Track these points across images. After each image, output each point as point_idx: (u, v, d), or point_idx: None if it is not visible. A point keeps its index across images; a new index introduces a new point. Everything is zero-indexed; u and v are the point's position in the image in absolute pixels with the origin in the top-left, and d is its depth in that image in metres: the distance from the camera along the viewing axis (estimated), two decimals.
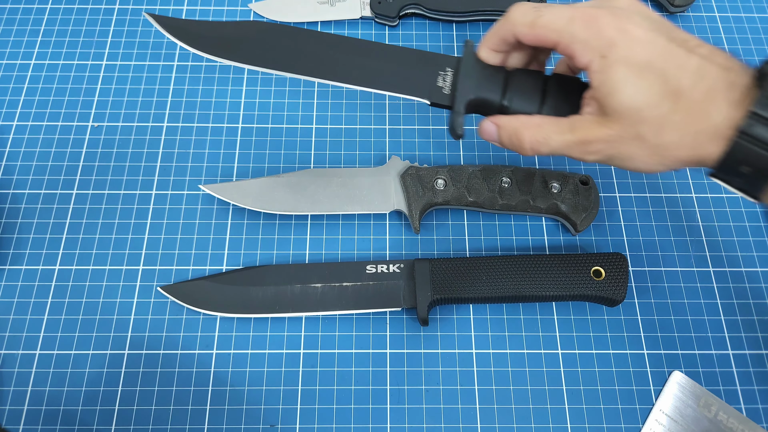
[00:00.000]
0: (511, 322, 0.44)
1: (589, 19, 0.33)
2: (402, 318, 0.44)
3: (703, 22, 0.56)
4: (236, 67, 0.53)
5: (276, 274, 0.43)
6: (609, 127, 0.34)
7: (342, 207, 0.45)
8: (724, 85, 0.31)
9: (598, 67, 0.33)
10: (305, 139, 0.50)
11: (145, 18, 0.55)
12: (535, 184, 0.46)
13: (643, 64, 0.32)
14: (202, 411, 0.41)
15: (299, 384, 0.42)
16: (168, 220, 0.47)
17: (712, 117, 0.31)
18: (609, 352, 0.43)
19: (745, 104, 0.30)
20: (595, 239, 0.47)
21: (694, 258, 0.46)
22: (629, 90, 0.32)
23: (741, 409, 0.41)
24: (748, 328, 0.44)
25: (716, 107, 0.31)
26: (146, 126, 0.50)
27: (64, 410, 0.41)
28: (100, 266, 0.45)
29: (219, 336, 0.43)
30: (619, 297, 0.42)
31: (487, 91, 0.39)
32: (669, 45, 0.32)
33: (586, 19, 0.33)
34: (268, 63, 0.40)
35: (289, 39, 0.41)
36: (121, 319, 0.43)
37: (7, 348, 0.42)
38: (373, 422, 0.41)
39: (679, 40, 0.33)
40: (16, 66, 0.52)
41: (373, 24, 0.56)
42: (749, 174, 0.31)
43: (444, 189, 0.45)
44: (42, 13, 0.55)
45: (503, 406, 0.41)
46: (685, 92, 0.31)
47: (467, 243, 0.46)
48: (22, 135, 0.49)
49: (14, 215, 0.47)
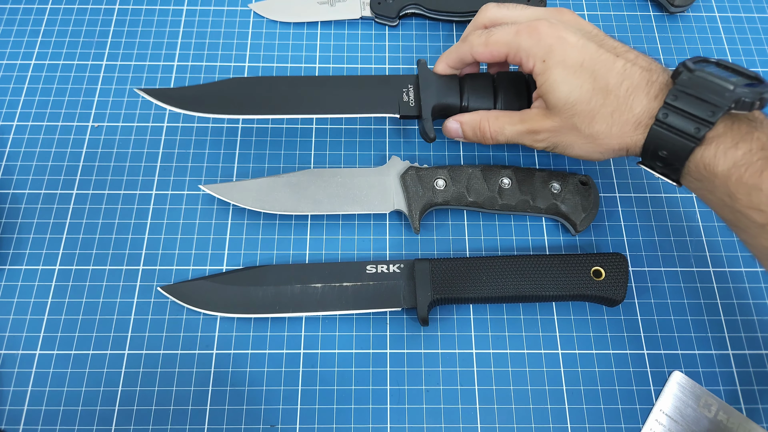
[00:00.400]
0: (511, 322, 0.44)
1: (531, 30, 0.39)
2: (402, 318, 0.44)
3: (703, 22, 0.56)
4: (235, 67, 0.53)
5: (276, 274, 0.43)
6: (551, 119, 0.40)
7: (342, 207, 0.45)
8: (644, 82, 0.37)
9: (540, 70, 0.39)
10: (305, 139, 0.50)
11: (144, 18, 0.55)
12: (535, 184, 0.46)
13: (577, 66, 0.38)
14: (202, 411, 0.41)
15: (299, 384, 0.42)
16: (168, 220, 0.47)
17: (634, 109, 0.37)
18: (609, 352, 0.43)
19: (660, 98, 0.36)
20: (595, 239, 0.47)
21: (694, 258, 0.46)
22: (565, 88, 0.38)
23: (741, 409, 0.41)
24: (748, 328, 0.44)
25: (638, 101, 0.37)
26: (146, 126, 0.50)
27: (64, 410, 0.41)
28: (100, 266, 0.45)
29: (219, 336, 0.43)
30: (619, 297, 0.42)
31: (446, 96, 0.46)
32: (599, 50, 0.38)
33: (528, 30, 0.40)
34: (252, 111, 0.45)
35: (265, 87, 0.47)
36: (121, 319, 0.43)
37: (7, 348, 0.42)
38: (373, 422, 0.41)
39: (608, 46, 0.39)
40: (16, 66, 0.52)
41: (373, 24, 0.56)
42: (667, 158, 0.36)
43: (444, 189, 0.45)
44: (42, 13, 0.55)
45: (503, 406, 0.41)
46: (612, 89, 0.37)
47: (467, 243, 0.46)
48: (22, 135, 0.49)
49: (14, 215, 0.47)
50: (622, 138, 0.38)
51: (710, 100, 0.34)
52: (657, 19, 0.57)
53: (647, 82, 0.37)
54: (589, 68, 0.38)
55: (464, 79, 0.46)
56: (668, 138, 0.35)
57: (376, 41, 0.55)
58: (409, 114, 0.46)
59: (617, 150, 0.39)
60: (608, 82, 0.37)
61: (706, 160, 0.34)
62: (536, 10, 0.43)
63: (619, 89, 0.37)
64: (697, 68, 0.35)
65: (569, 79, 0.38)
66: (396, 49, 0.54)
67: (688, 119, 0.34)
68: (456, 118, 0.45)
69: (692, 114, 0.34)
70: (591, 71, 0.38)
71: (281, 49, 0.54)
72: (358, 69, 0.53)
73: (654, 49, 0.55)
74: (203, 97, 0.45)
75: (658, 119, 0.35)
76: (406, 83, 0.47)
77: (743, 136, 0.34)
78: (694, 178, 0.36)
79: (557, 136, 0.41)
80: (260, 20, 0.55)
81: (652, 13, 0.57)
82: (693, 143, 0.34)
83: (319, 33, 0.55)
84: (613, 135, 0.38)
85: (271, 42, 0.54)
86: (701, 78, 0.34)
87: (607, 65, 0.37)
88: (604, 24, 0.56)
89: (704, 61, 0.36)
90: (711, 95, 0.34)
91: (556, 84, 0.38)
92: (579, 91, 0.38)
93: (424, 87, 0.46)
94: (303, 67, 0.53)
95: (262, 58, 0.53)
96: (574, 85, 0.38)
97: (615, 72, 0.37)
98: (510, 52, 0.41)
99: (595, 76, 0.37)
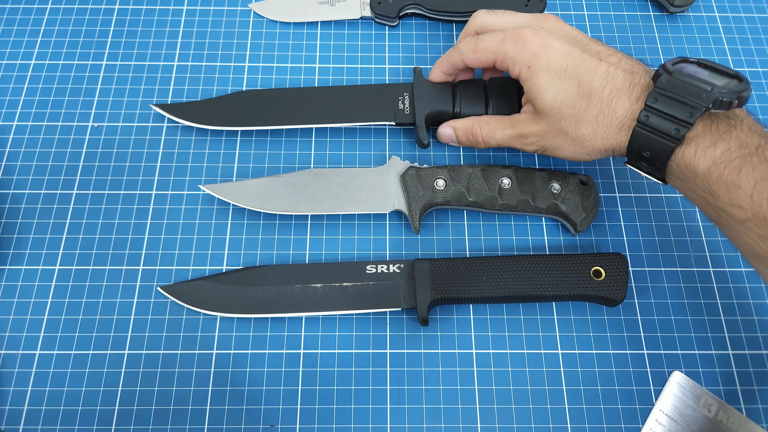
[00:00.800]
0: (511, 322, 0.44)
1: (516, 38, 0.41)
2: (402, 318, 0.44)
3: (703, 22, 0.56)
4: (235, 67, 0.53)
5: (276, 274, 0.43)
6: (539, 123, 0.41)
7: (342, 207, 0.45)
8: (626, 85, 0.38)
9: (525, 76, 0.41)
10: (305, 139, 0.50)
11: (144, 18, 0.55)
12: (536, 184, 0.46)
13: (561, 71, 0.39)
14: (202, 411, 0.41)
15: (299, 384, 0.42)
16: (168, 220, 0.47)
17: (617, 112, 0.38)
18: (609, 352, 0.43)
19: (642, 100, 0.37)
20: (595, 239, 0.47)
21: (694, 258, 0.46)
22: (550, 93, 0.39)
23: (741, 409, 0.41)
24: (748, 328, 0.44)
25: (620, 104, 0.38)
26: (146, 126, 0.50)
27: (64, 410, 0.41)
28: (100, 266, 0.45)
29: (219, 336, 0.43)
30: (619, 297, 0.42)
31: (440, 104, 0.48)
32: (583, 55, 0.39)
33: (514, 38, 0.41)
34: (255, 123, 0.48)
35: (266, 99, 0.49)
36: (121, 319, 0.43)
37: (7, 348, 0.42)
38: (373, 422, 0.41)
39: (592, 51, 0.40)
40: (16, 66, 0.52)
41: (373, 24, 0.56)
42: (650, 158, 0.37)
43: (444, 189, 0.45)
44: (42, 13, 0.55)
45: (503, 406, 0.41)
46: (596, 93, 0.38)
47: (467, 243, 0.46)
48: (22, 135, 0.49)
49: (14, 215, 0.47)
50: (607, 140, 0.39)
51: (688, 101, 0.35)
52: (657, 19, 0.57)
53: (629, 85, 0.38)
54: (573, 73, 0.39)
55: (457, 86, 0.48)
56: (650, 139, 0.36)
57: (376, 41, 0.55)
58: (404, 122, 0.48)
59: (603, 151, 0.40)
60: (592, 87, 0.38)
61: (687, 159, 0.35)
62: (523, 17, 0.44)
63: (602, 93, 0.38)
64: (676, 70, 0.36)
65: (554, 85, 0.39)
66: (396, 49, 0.54)
67: (668, 120, 0.35)
68: (449, 124, 0.47)
69: (671, 115, 0.35)
70: (575, 76, 0.39)
71: (281, 49, 0.54)
72: (358, 69, 0.53)
73: (654, 49, 0.55)
74: (212, 112, 0.49)
75: (639, 121, 0.36)
76: (402, 91, 0.49)
77: (722, 135, 0.34)
78: (677, 176, 0.37)
79: (545, 140, 0.42)
80: (260, 20, 0.55)
81: (652, 13, 0.57)
82: (673, 143, 0.35)
83: (319, 33, 0.55)
84: (598, 137, 0.39)
85: (271, 42, 0.54)
86: (679, 80, 0.35)
87: (590, 70, 0.38)
88: (604, 24, 0.56)
89: (684, 62, 0.37)
90: (689, 97, 0.35)
91: (542, 90, 0.40)
92: (564, 96, 0.39)
93: (418, 95, 0.48)
94: (303, 67, 0.53)
95: (262, 58, 0.53)
96: (559, 90, 0.39)
97: (598, 76, 0.38)
98: (497, 59, 0.42)
99: (579, 80, 0.39)
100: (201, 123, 0.48)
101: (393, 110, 0.48)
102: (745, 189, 0.33)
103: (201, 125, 0.48)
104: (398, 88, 0.49)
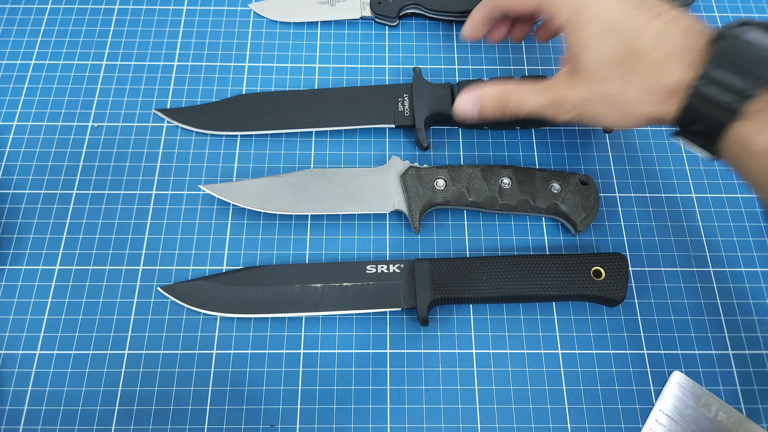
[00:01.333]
0: (511, 322, 0.44)
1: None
2: (402, 318, 0.44)
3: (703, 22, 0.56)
4: (235, 67, 0.53)
5: (276, 274, 0.43)
6: (578, 87, 0.37)
7: (342, 207, 0.45)
8: (681, 48, 0.33)
9: (574, 26, 0.36)
10: (305, 139, 0.50)
11: (144, 18, 0.55)
12: (536, 184, 0.46)
13: (612, 23, 0.35)
14: (202, 411, 0.41)
15: (299, 384, 0.42)
16: (168, 220, 0.47)
17: (668, 77, 0.33)
18: (609, 352, 0.43)
19: (697, 66, 0.33)
20: (595, 239, 0.47)
21: (694, 258, 0.46)
22: (598, 48, 0.35)
23: (741, 409, 0.41)
24: (748, 328, 0.44)
25: (673, 68, 0.33)
26: (146, 126, 0.50)
27: (64, 410, 0.41)
28: (100, 266, 0.45)
29: (219, 336, 0.43)
30: (619, 297, 0.42)
31: (439, 105, 0.48)
32: (635, 10, 0.35)
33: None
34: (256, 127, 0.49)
35: (266, 103, 0.49)
36: (121, 319, 0.43)
37: (7, 348, 0.42)
38: (373, 422, 0.41)
39: (646, 6, 0.35)
40: (16, 66, 0.52)
41: (373, 24, 0.56)
42: (703, 132, 0.33)
43: (444, 189, 0.45)
44: (42, 13, 0.55)
45: (503, 406, 0.41)
46: (646, 53, 0.34)
47: (467, 243, 0.46)
48: (22, 135, 0.49)
49: (14, 215, 0.47)
50: (654, 106, 0.35)
51: (751, 70, 0.31)
52: None
53: (685, 48, 0.33)
54: (625, 27, 0.35)
55: (457, 87, 0.48)
56: (704, 110, 0.32)
57: (376, 41, 0.55)
58: (403, 124, 0.48)
59: (648, 119, 0.36)
60: (642, 45, 0.34)
61: (744, 136, 0.32)
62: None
63: (652, 54, 0.34)
64: (736, 35, 0.32)
65: (603, 39, 0.35)
66: (396, 49, 0.54)
67: (725, 91, 0.31)
68: (475, 91, 0.42)
69: (729, 85, 0.31)
70: (626, 31, 0.34)
71: (281, 49, 0.54)
72: (357, 69, 0.53)
73: None
74: (213, 116, 0.49)
75: (692, 89, 0.32)
76: (402, 92, 0.49)
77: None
78: (731, 153, 0.33)
79: (584, 106, 0.38)
80: (260, 20, 0.55)
81: None
82: (729, 117, 0.32)
83: (319, 33, 0.55)
84: (645, 103, 0.35)
85: (271, 42, 0.54)
86: (741, 46, 0.31)
87: (643, 25, 0.34)
88: None
89: (747, 24, 0.33)
90: (751, 65, 0.31)
91: (590, 43, 0.35)
92: (611, 54, 0.35)
93: (417, 97, 0.48)
94: (303, 67, 0.53)
95: (262, 58, 0.53)
96: (606, 47, 0.35)
97: (650, 34, 0.34)
98: (543, 3, 0.39)
99: (630, 36, 0.34)
100: (203, 128, 0.49)
101: (393, 112, 0.48)
102: None
103: (203, 130, 0.49)
104: (398, 89, 0.49)
